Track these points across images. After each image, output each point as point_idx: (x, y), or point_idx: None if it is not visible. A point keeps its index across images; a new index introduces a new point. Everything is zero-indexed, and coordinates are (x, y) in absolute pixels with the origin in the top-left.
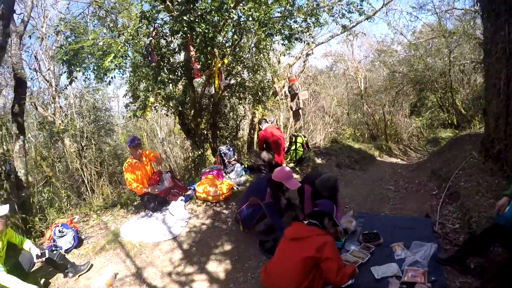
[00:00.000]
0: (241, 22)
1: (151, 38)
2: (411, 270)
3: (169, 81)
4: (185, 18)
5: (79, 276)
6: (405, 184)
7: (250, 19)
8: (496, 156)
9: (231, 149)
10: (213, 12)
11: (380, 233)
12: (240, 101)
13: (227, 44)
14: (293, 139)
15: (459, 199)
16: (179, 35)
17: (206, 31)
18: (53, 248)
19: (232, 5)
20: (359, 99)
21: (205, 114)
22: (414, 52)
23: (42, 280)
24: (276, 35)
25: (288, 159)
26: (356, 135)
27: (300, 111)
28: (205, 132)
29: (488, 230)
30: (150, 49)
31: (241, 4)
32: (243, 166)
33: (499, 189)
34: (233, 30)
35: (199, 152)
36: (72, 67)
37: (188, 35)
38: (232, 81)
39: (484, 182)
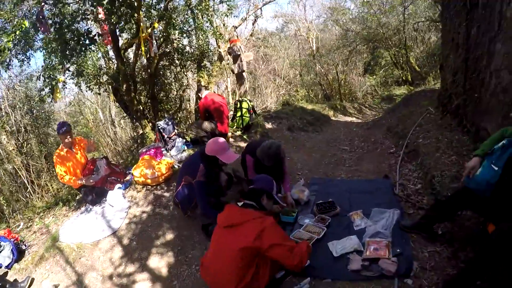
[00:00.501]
0: None
1: (43, 4)
2: (373, 242)
3: (74, 53)
4: None
5: None
6: (360, 143)
7: None
8: (454, 112)
9: (170, 123)
10: None
11: (336, 201)
12: (182, 70)
13: (157, 6)
14: (238, 105)
15: (419, 157)
16: None
17: None
18: None
19: None
20: (311, 59)
21: (143, 88)
22: (368, 9)
23: None
24: None
25: (235, 126)
26: (310, 96)
27: (244, 74)
28: (142, 108)
29: (456, 194)
30: (41, 16)
31: None
32: (184, 140)
33: (460, 146)
34: None
35: (139, 131)
36: None
37: None
38: (168, 48)
39: (443, 138)
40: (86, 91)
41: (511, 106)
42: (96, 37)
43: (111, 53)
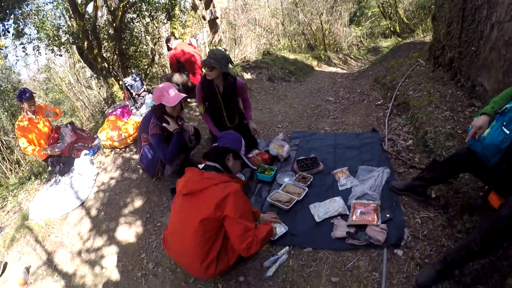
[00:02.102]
0: None
1: None
2: (360, 205)
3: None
4: None
5: None
6: (346, 94)
7: None
8: (447, 65)
9: (137, 79)
10: None
11: (320, 157)
12: (152, 21)
13: None
14: None
15: (409, 110)
16: None
17: None
18: None
19: None
20: (294, 8)
21: (109, 44)
22: None
23: None
24: None
25: None
26: (293, 46)
27: (217, 21)
28: (109, 65)
29: (457, 156)
30: None
31: None
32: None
33: (454, 101)
34: None
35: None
36: None
37: None
38: None
39: (435, 92)
40: (46, 53)
41: None
42: None
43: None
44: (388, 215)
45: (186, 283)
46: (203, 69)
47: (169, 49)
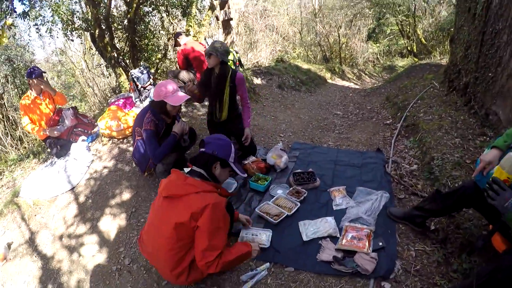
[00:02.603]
0: None
1: None
2: (352, 229)
3: None
4: None
5: None
6: (355, 110)
7: None
8: (462, 89)
9: (145, 71)
10: None
11: (318, 172)
12: (168, 17)
13: None
14: None
15: (418, 133)
16: None
17: None
18: None
19: None
20: (313, 18)
21: (122, 35)
22: None
23: None
24: None
25: None
26: (308, 57)
27: (231, 22)
28: (118, 55)
29: (462, 190)
30: None
31: None
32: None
33: (465, 128)
34: None
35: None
36: None
37: None
38: None
39: (447, 116)
40: (57, 37)
41: None
42: None
43: None
44: (380, 244)
45: (158, 285)
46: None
47: (176, 44)
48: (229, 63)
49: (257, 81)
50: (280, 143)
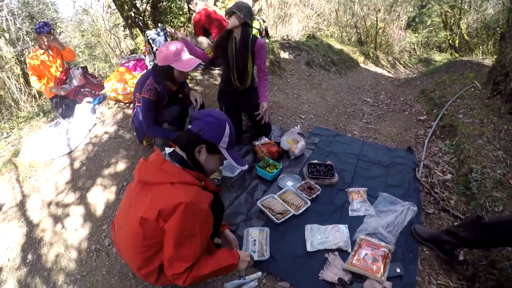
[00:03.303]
0: None
1: None
2: (368, 244)
3: None
4: None
5: None
6: (387, 99)
7: None
8: (508, 95)
9: (161, 33)
10: None
11: (337, 166)
12: None
13: None
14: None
15: (455, 136)
16: None
17: None
18: None
19: None
20: None
21: None
22: None
23: None
24: None
25: None
26: (343, 37)
27: None
28: (135, 15)
29: (508, 225)
30: None
31: None
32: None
33: (509, 139)
34: None
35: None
36: None
37: None
38: None
39: (489, 123)
40: None
41: None
42: None
43: None
44: (398, 270)
45: (133, 275)
46: None
47: (192, 11)
48: (252, 29)
49: (284, 55)
50: (298, 126)
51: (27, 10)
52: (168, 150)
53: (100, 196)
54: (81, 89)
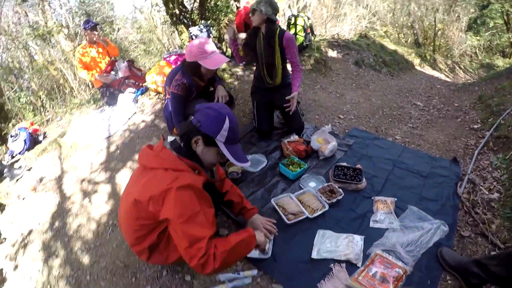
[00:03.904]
0: None
1: None
2: (382, 261)
3: None
4: None
5: (17, 180)
6: (439, 104)
7: None
8: None
9: (204, 30)
10: None
11: (367, 172)
12: None
13: None
14: (292, 21)
15: (510, 150)
16: None
17: None
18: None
19: None
20: None
21: None
22: None
23: None
24: None
25: None
26: (399, 38)
27: None
28: (180, 12)
29: None
30: None
31: None
32: (220, 51)
33: None
34: None
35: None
36: None
37: None
38: None
39: None
40: None
41: None
42: None
43: None
44: None
45: None
46: None
47: (236, 7)
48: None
49: (332, 53)
50: (329, 125)
51: (84, 8)
52: (170, 138)
53: (127, 178)
54: (126, 80)
